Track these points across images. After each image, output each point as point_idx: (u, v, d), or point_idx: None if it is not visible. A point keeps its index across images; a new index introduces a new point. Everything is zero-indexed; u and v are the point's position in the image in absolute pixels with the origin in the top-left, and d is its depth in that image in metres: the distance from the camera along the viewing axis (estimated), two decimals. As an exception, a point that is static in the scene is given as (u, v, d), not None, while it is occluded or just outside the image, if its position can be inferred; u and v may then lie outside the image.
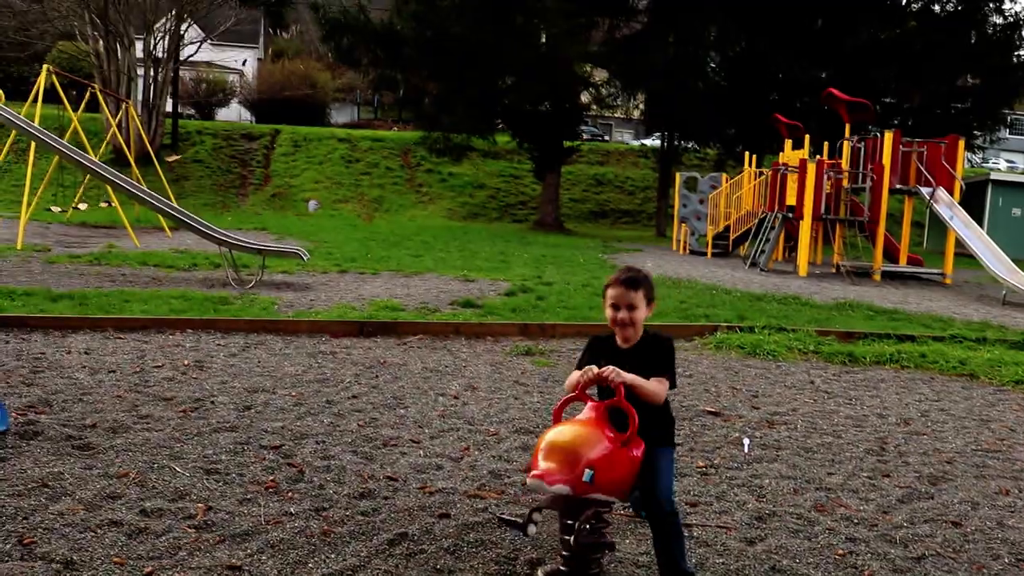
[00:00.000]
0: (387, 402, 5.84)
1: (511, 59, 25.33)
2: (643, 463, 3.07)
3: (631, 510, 3.76)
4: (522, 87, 26.84)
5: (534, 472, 2.81)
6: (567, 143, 29.99)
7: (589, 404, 3.08)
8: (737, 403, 6.33)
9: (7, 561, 3.18)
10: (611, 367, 3.07)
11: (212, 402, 5.57)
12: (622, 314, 3.23)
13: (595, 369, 3.08)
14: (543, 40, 26.97)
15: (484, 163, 35.49)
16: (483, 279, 13.03)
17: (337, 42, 27.58)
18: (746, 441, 5.29)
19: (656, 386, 3.14)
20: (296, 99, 44.78)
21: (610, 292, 3.27)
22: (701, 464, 4.79)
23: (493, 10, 25.22)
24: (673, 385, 3.23)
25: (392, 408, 5.69)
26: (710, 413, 5.97)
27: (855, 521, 4.04)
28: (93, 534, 3.45)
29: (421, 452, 4.76)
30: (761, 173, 22.66)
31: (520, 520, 2.82)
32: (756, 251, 19.53)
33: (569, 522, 2.92)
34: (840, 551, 3.67)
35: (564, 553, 2.96)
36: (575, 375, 3.19)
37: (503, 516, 2.97)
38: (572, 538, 2.86)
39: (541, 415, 5.68)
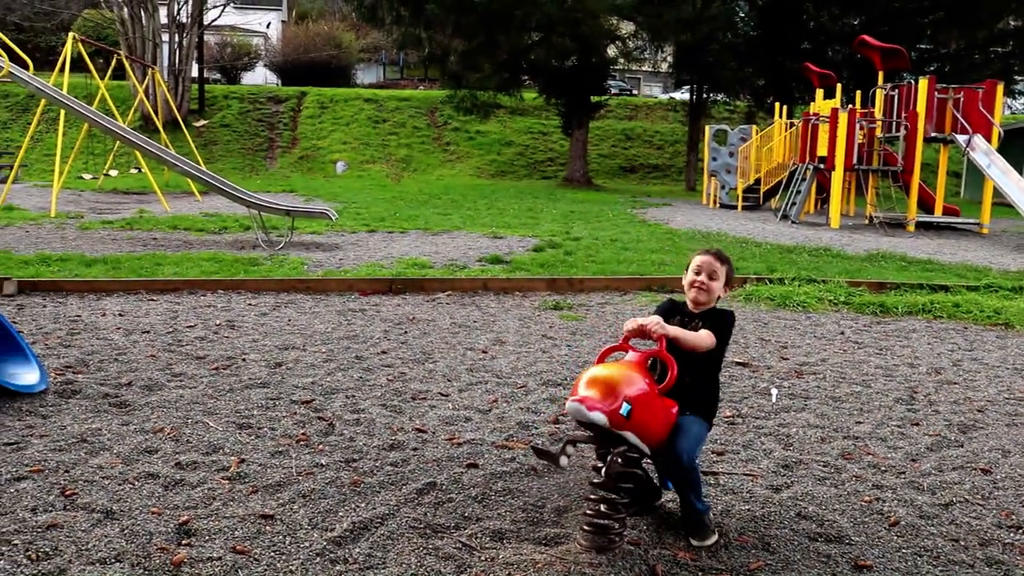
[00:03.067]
0: (416, 357, 5.89)
1: (536, 14, 25.03)
2: (675, 424, 3.10)
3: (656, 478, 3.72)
4: (548, 42, 26.56)
5: (574, 396, 2.85)
6: (595, 98, 29.70)
7: (631, 353, 3.13)
8: (766, 354, 6.31)
9: (51, 511, 3.28)
10: (655, 318, 3.12)
11: (243, 360, 5.65)
12: (702, 277, 3.35)
13: (639, 320, 3.11)
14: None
15: (511, 120, 35.30)
16: (511, 236, 13.03)
17: (360, 1, 27.40)
18: (774, 391, 5.29)
19: (701, 336, 3.19)
20: (321, 61, 44.66)
21: (697, 258, 3.41)
22: (728, 414, 4.80)
23: (517, -36, 24.91)
24: (722, 342, 3.28)
25: (421, 363, 5.74)
26: (738, 364, 5.96)
27: (882, 469, 4.04)
28: (131, 486, 3.54)
29: (450, 405, 4.82)
30: (792, 124, 22.33)
31: (554, 451, 2.87)
32: (787, 203, 19.32)
33: (601, 451, 2.96)
34: (867, 498, 3.68)
35: (591, 496, 2.99)
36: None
37: (537, 446, 3.00)
38: (604, 468, 2.90)
39: (569, 368, 5.71)
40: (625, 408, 2.83)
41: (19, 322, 6.55)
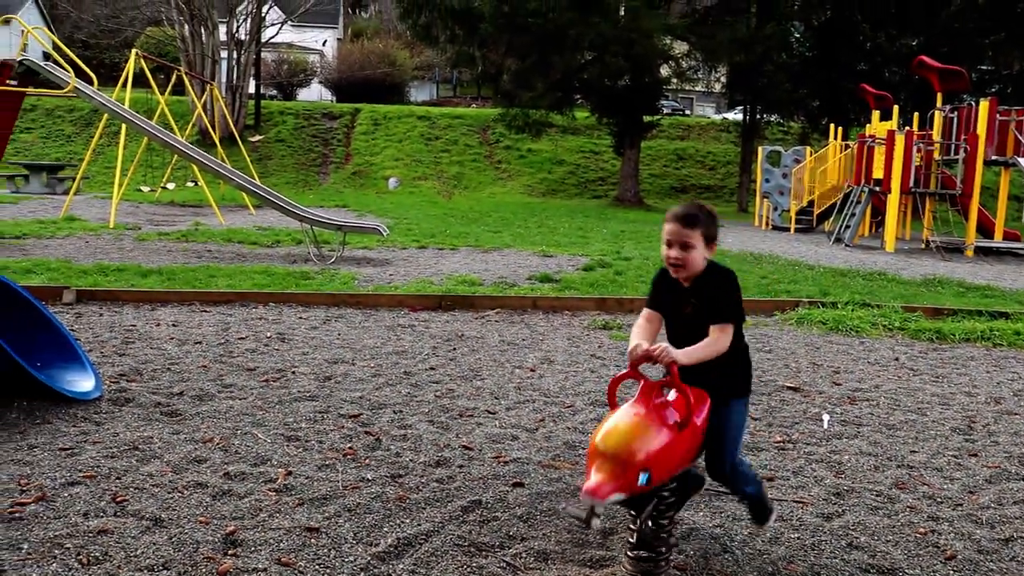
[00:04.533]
0: (464, 374, 5.89)
1: (590, 34, 25.08)
2: (710, 420, 2.93)
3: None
4: (601, 62, 26.58)
5: (586, 486, 2.61)
6: (647, 118, 29.63)
7: (641, 385, 2.87)
8: (817, 379, 6.20)
9: (102, 516, 3.33)
10: (662, 345, 2.84)
11: (293, 372, 5.70)
12: (674, 252, 2.94)
13: (644, 346, 2.85)
14: (622, 13, 26.62)
15: (563, 139, 35.35)
16: (561, 254, 13.02)
17: (415, 20, 27.71)
18: (826, 417, 5.19)
19: (714, 339, 2.89)
20: (375, 78, 45.25)
21: (665, 227, 2.99)
22: (779, 439, 4.72)
23: (571, -16, 25.01)
24: (739, 320, 2.97)
25: (469, 380, 5.74)
26: (789, 388, 5.86)
27: (938, 500, 3.93)
28: (180, 494, 3.58)
29: (496, 423, 4.80)
30: (847, 146, 22.04)
31: (583, 515, 2.66)
32: (841, 226, 19.04)
33: (633, 514, 2.88)
34: (921, 529, 3.58)
35: (632, 527, 2.95)
36: (635, 331, 3.05)
37: (567, 509, 2.89)
38: (635, 535, 2.85)
39: (616, 388, 5.66)
40: (643, 478, 2.63)
41: (76, 330, 6.69)
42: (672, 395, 2.90)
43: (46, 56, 19.06)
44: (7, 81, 12.68)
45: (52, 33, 19.20)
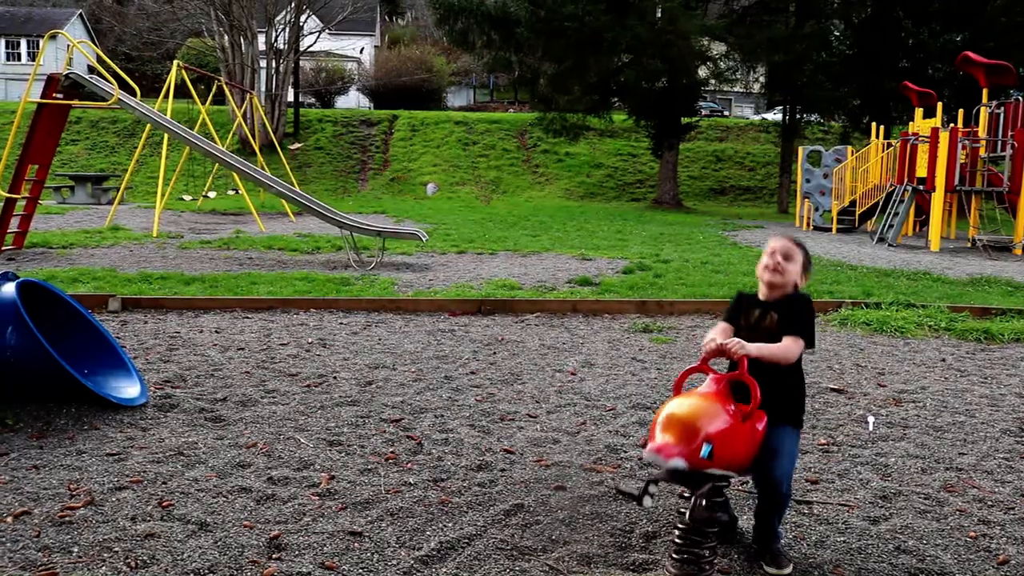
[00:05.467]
0: (504, 378, 5.90)
1: (627, 36, 25.00)
2: (764, 438, 3.00)
3: (752, 485, 3.68)
4: (638, 64, 26.47)
5: (651, 445, 2.79)
6: (685, 119, 29.46)
7: (711, 376, 3.01)
8: (862, 380, 6.11)
9: (149, 520, 3.38)
10: (735, 340, 3.01)
11: (335, 378, 5.75)
12: (777, 258, 3.16)
13: (718, 340, 3.03)
14: (658, 15, 26.51)
15: (601, 142, 35.28)
16: (600, 258, 12.98)
17: (451, 25, 27.81)
18: (871, 419, 5.11)
19: (787, 345, 3.05)
20: (412, 84, 45.53)
21: (771, 242, 3.24)
22: (823, 441, 4.66)
23: (607, -13, 24.95)
24: (810, 344, 3.12)
25: (509, 384, 5.74)
26: (833, 390, 5.79)
27: (989, 503, 3.85)
28: (225, 499, 3.62)
29: (538, 426, 4.80)
30: (889, 145, 21.72)
31: (636, 492, 2.80)
32: (884, 226, 18.76)
33: (687, 494, 2.89)
34: (972, 533, 3.51)
35: (679, 526, 2.92)
36: (710, 333, 3.17)
37: (620, 487, 2.95)
38: (687, 512, 2.83)
39: (658, 391, 5.64)
40: (706, 449, 2.74)
41: (122, 337, 6.80)
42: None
43: (91, 69, 19.44)
44: (53, 94, 12.94)
45: (96, 47, 19.56)
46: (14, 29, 55.20)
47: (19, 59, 54.80)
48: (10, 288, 4.83)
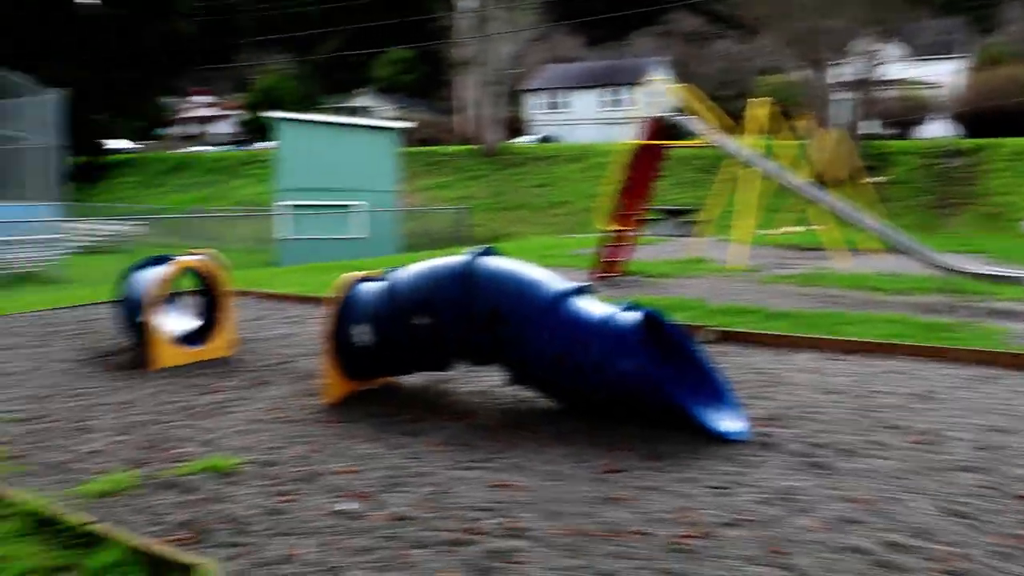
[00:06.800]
0: None
1: None
2: None
3: None
4: None
5: None
6: None
7: None
8: None
9: (761, 564, 3.33)
10: None
11: (942, 436, 5.22)
12: None
13: None
14: None
15: None
16: None
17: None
18: None
19: None
20: (1011, 108, 40.78)
21: None
22: None
23: None
24: None
25: None
26: None
27: None
28: (838, 556, 3.44)
29: None
30: None
31: None
32: None
33: None
34: None
35: None
36: None
37: None
38: None
39: None
40: None
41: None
42: None
43: (678, 111, 20.76)
44: (651, 136, 14.06)
45: (687, 89, 20.90)
46: (606, 79, 61.69)
47: (614, 105, 60.88)
48: (635, 317, 5.30)
